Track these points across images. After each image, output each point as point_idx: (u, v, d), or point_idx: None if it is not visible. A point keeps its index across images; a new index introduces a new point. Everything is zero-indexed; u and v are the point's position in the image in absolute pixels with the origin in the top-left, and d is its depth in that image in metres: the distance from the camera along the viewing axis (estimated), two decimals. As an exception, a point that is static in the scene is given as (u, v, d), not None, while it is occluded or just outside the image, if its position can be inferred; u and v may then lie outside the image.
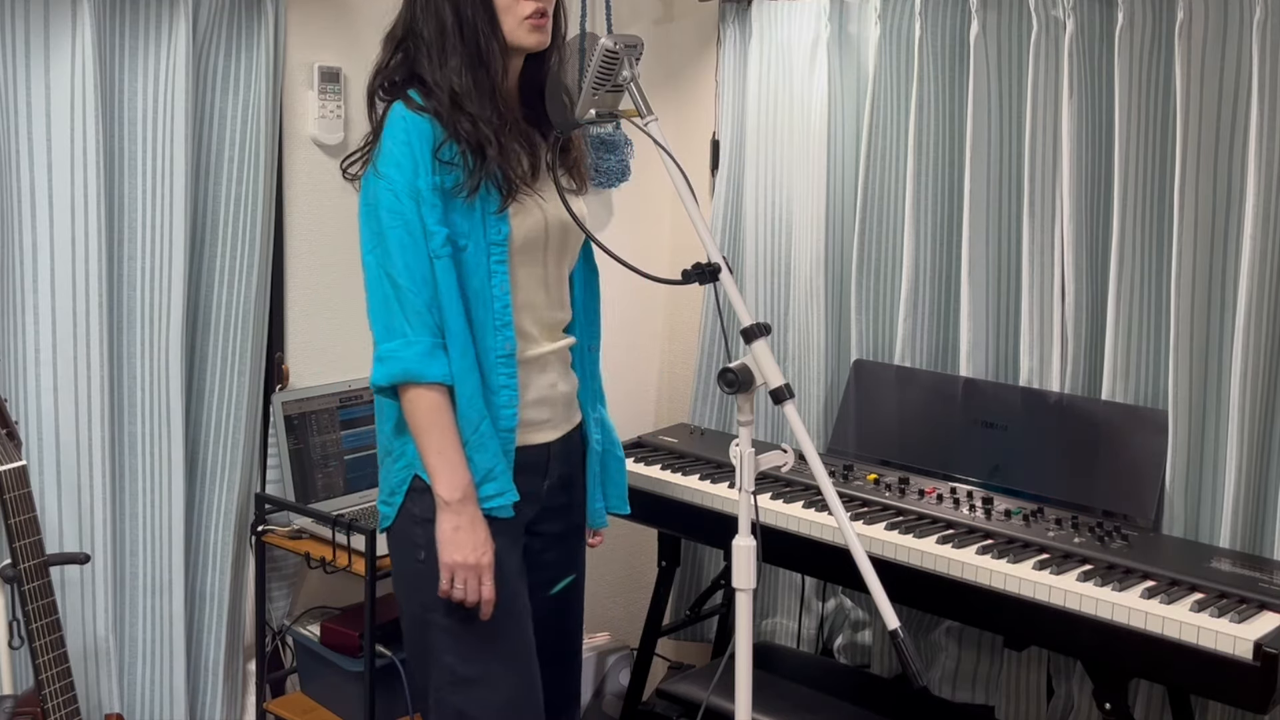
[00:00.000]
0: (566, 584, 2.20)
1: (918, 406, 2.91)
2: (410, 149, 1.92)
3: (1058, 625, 2.22)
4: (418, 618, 2.03)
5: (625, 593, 3.62)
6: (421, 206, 1.91)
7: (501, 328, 1.97)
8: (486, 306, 1.96)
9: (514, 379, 1.99)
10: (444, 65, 1.95)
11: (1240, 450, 2.46)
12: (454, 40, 1.95)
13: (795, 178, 3.17)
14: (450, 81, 1.94)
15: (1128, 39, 2.55)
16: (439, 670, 2.00)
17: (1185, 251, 2.51)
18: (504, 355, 1.98)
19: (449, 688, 2.00)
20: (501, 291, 1.97)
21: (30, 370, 2.43)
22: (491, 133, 1.94)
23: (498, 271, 1.96)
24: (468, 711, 1.99)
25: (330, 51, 2.84)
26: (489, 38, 1.96)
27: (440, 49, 1.95)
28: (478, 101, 1.94)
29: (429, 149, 1.92)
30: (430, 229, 1.91)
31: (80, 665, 2.48)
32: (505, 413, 1.98)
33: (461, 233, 1.95)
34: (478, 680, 1.98)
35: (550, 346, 2.09)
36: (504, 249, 1.97)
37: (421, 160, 1.92)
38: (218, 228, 2.65)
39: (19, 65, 2.35)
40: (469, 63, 1.95)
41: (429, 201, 1.91)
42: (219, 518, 2.71)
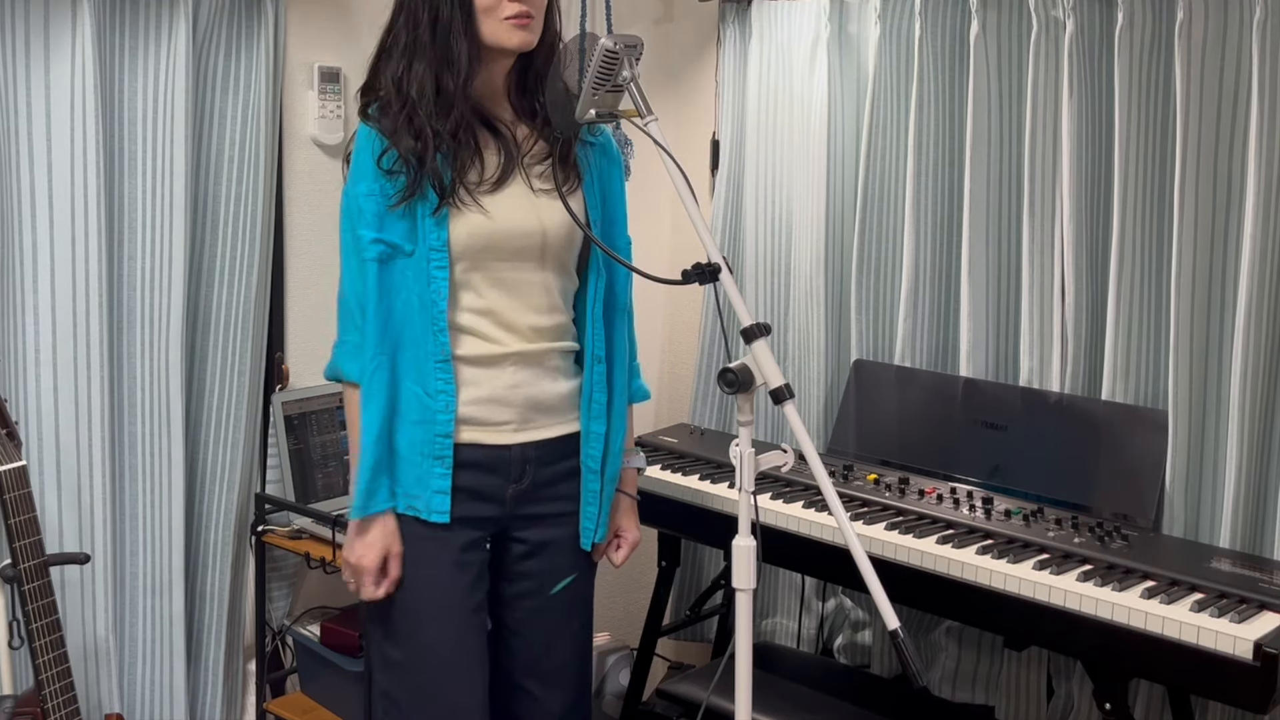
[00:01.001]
0: (567, 584, 2.18)
1: (918, 406, 2.91)
2: (358, 159, 2.02)
3: (1058, 625, 2.22)
4: (365, 609, 2.12)
5: (625, 593, 3.62)
6: (361, 215, 1.99)
7: (437, 333, 1.98)
8: (426, 311, 1.98)
9: (450, 384, 2.00)
10: (409, 68, 1.96)
11: (1240, 450, 2.46)
12: (425, 41, 1.95)
13: (795, 178, 3.16)
14: (410, 87, 1.95)
15: (1128, 39, 2.55)
16: (374, 651, 2.11)
17: (1185, 251, 2.51)
18: (440, 360, 1.99)
19: (380, 669, 2.09)
20: (439, 297, 1.97)
21: (30, 370, 2.43)
22: (434, 142, 1.94)
23: (436, 277, 1.97)
24: (390, 691, 2.06)
25: (330, 51, 2.84)
26: (460, 38, 1.94)
27: (412, 51, 1.96)
28: (433, 108, 1.95)
29: (369, 158, 1.98)
30: (359, 233, 1.99)
31: (80, 665, 2.48)
32: (440, 417, 2.00)
33: (406, 237, 1.98)
34: (400, 664, 2.05)
35: (517, 347, 2.05)
36: (443, 254, 1.97)
37: (364, 169, 1.99)
38: (218, 228, 2.65)
39: (19, 65, 2.35)
40: (433, 65, 1.95)
41: (363, 209, 1.99)
42: (219, 518, 2.71)
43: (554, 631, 2.16)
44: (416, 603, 2.03)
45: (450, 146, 1.96)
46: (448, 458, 2.01)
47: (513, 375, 2.05)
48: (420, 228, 1.97)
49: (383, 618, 2.06)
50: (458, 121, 1.97)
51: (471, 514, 2.04)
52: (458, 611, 2.05)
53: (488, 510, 2.06)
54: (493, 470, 2.06)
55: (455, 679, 2.05)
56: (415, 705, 2.04)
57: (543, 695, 2.16)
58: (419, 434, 2.00)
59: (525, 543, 2.12)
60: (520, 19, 1.96)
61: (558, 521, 2.14)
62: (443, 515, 2.01)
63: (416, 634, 2.04)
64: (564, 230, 2.05)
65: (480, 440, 2.04)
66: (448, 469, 2.01)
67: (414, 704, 2.04)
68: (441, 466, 2.01)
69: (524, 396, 2.06)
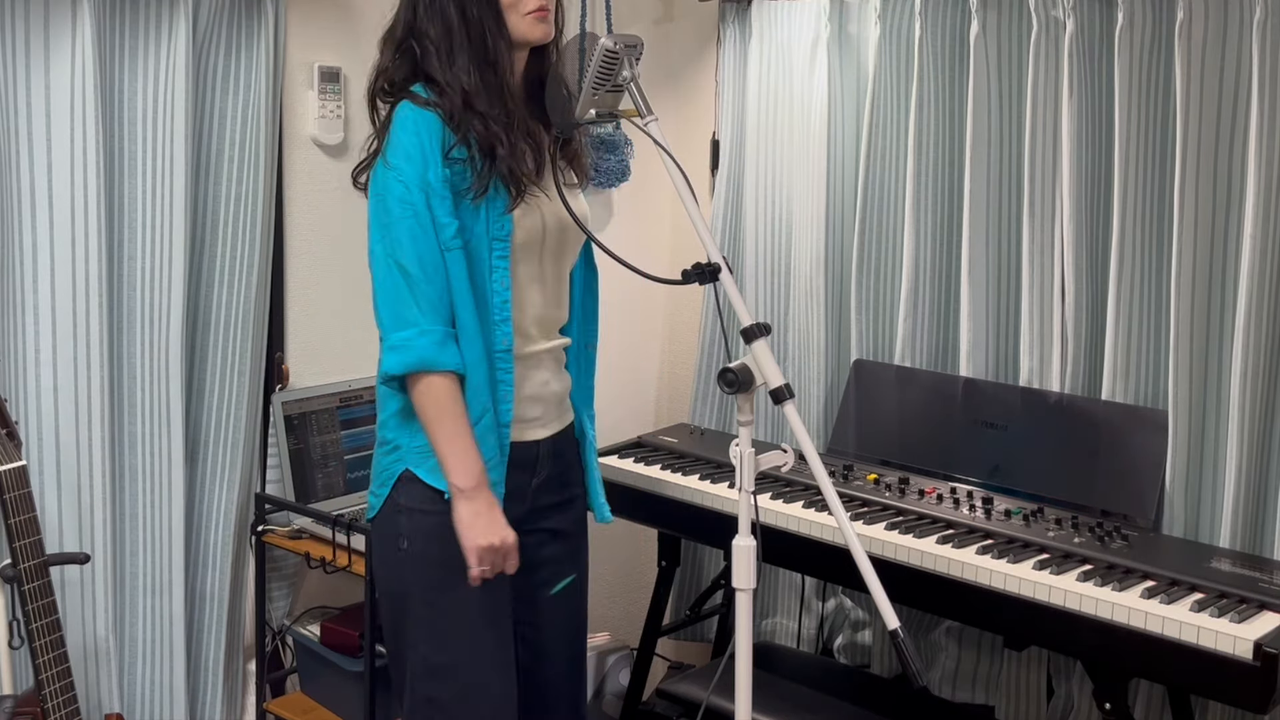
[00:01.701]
0: (567, 584, 2.20)
1: (918, 406, 2.91)
2: (419, 141, 1.92)
3: (1058, 625, 2.22)
4: (396, 607, 2.06)
5: (625, 593, 3.62)
6: (431, 198, 1.91)
7: (500, 323, 1.98)
8: (487, 301, 1.97)
9: (510, 374, 2.00)
10: (452, 64, 1.95)
11: (1240, 450, 2.46)
12: (460, 38, 1.95)
13: (795, 178, 3.16)
14: (460, 80, 1.94)
15: (1128, 39, 2.55)
16: (414, 658, 2.04)
17: (1185, 251, 2.51)
18: (502, 350, 1.99)
19: (422, 676, 2.03)
20: (502, 287, 1.97)
21: (30, 370, 2.43)
22: (502, 131, 1.94)
23: (499, 267, 1.97)
24: (437, 698, 2.02)
25: (330, 51, 2.84)
26: (495, 35, 1.96)
27: (448, 48, 1.95)
28: (487, 100, 1.94)
29: (438, 144, 1.93)
30: (442, 221, 1.92)
31: (80, 665, 2.48)
32: (503, 407, 1.99)
33: (465, 227, 1.95)
34: (448, 668, 2.01)
35: (545, 345, 2.09)
36: (506, 245, 1.97)
37: (431, 154, 1.92)
38: (218, 228, 2.65)
39: (19, 65, 2.35)
40: (476, 61, 1.95)
41: (439, 194, 1.92)
42: (219, 518, 2.71)
43: (562, 624, 2.19)
44: (466, 607, 2.00)
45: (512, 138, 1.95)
46: (506, 447, 2.01)
47: (544, 373, 2.10)
48: (487, 218, 1.95)
49: (423, 622, 2.01)
50: (509, 111, 1.97)
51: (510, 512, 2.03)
52: (503, 614, 2.05)
53: (515, 509, 2.06)
54: (523, 467, 2.07)
55: (500, 681, 2.04)
56: (464, 706, 2.01)
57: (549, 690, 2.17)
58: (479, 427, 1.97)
59: (541, 532, 2.14)
60: (540, 12, 1.99)
61: (564, 508, 2.18)
62: None
63: (465, 638, 2.01)
64: (571, 224, 2.08)
65: (519, 438, 2.05)
66: (504, 460, 2.01)
67: (462, 705, 2.01)
68: (500, 456, 2.00)
69: (552, 393, 2.11)
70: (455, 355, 1.92)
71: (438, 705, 2.02)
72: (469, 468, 1.92)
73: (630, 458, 2.95)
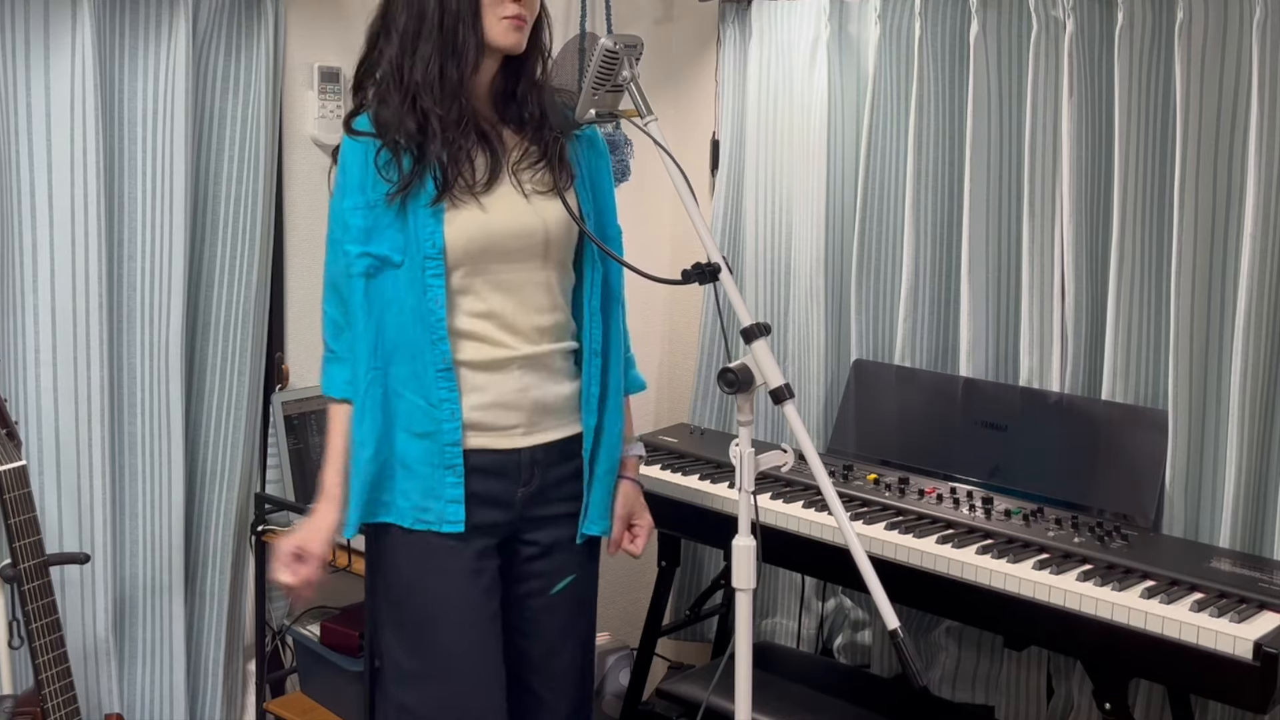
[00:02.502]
0: (567, 584, 2.17)
1: (918, 406, 2.91)
2: (343, 175, 2.02)
3: (1058, 625, 2.22)
4: (371, 612, 2.12)
5: (625, 593, 3.62)
6: (345, 231, 2.00)
7: (437, 341, 1.96)
8: (424, 320, 1.96)
9: (454, 392, 1.98)
10: (413, 52, 1.94)
11: (1240, 450, 2.46)
12: (431, 27, 1.93)
13: (795, 177, 3.17)
14: (415, 70, 1.93)
15: (1128, 39, 2.55)
16: (388, 663, 2.06)
17: (1185, 251, 2.51)
18: (442, 369, 1.97)
19: (393, 681, 2.04)
20: (437, 305, 1.96)
21: (30, 370, 2.43)
22: (440, 127, 1.93)
23: (433, 285, 1.95)
24: (407, 704, 2.02)
25: (330, 51, 2.84)
26: (469, 29, 1.94)
27: (414, 35, 1.94)
28: (438, 95, 1.93)
29: (356, 170, 1.99)
30: (346, 249, 2.00)
31: (80, 665, 2.48)
32: (446, 426, 1.98)
33: (397, 248, 1.96)
34: (418, 675, 2.01)
35: (523, 350, 2.04)
36: (438, 262, 1.95)
37: (352, 183, 1.99)
38: (218, 228, 2.65)
39: (19, 65, 2.36)
40: (440, 52, 1.93)
41: (349, 224, 1.99)
42: (219, 518, 2.71)
43: (562, 632, 2.16)
44: (433, 612, 2.01)
45: (452, 136, 1.94)
46: (458, 466, 1.99)
47: (519, 379, 2.04)
48: (415, 235, 1.95)
49: (397, 628, 2.03)
50: (461, 111, 1.96)
51: (483, 520, 2.03)
52: (474, 619, 2.03)
53: (498, 515, 2.05)
54: (502, 475, 2.05)
55: (474, 687, 2.03)
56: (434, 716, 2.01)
57: (548, 696, 2.15)
58: (426, 446, 1.98)
59: (534, 544, 2.11)
60: (517, 20, 1.96)
61: (565, 522, 2.14)
62: (457, 525, 1.99)
63: (434, 644, 2.01)
64: (564, 227, 2.05)
65: (489, 445, 2.03)
66: (459, 477, 2.00)
67: (433, 715, 2.01)
68: (453, 475, 1.99)
69: (531, 400, 2.05)
70: (332, 379, 2.07)
71: (410, 712, 2.02)
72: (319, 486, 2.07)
73: (630, 458, 2.95)
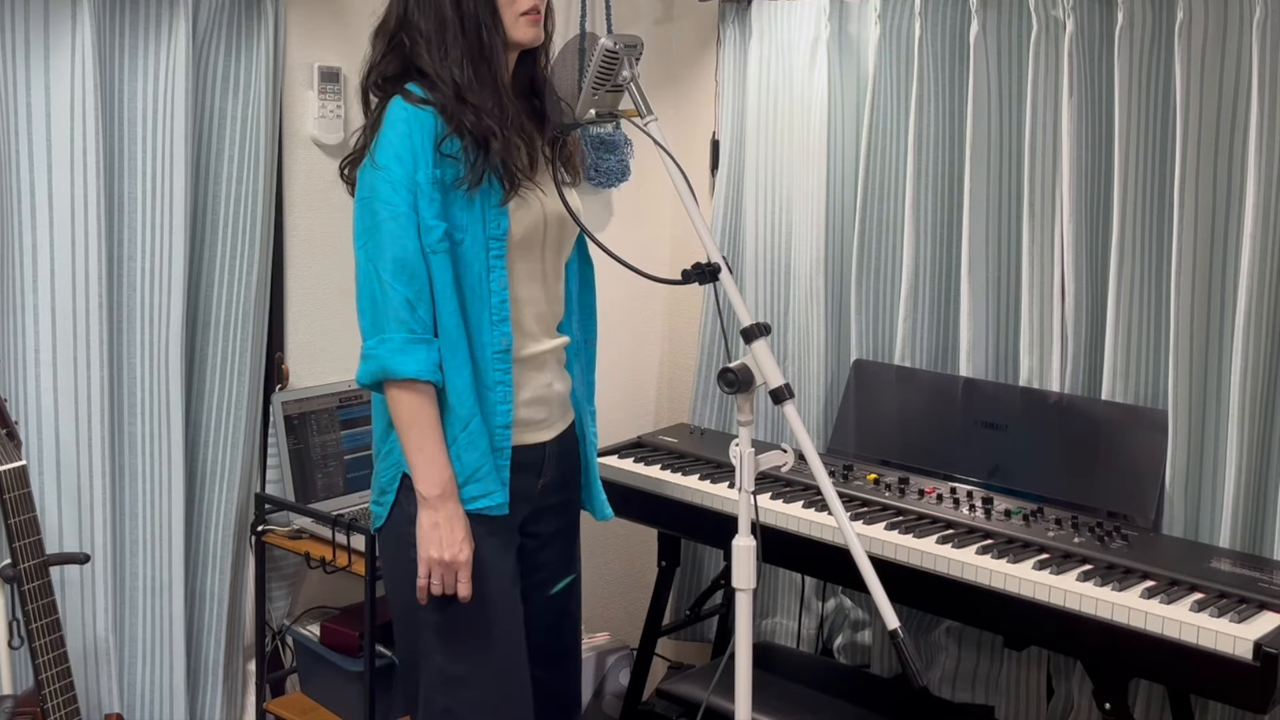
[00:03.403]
0: (566, 584, 2.20)
1: (918, 406, 2.91)
2: (410, 141, 1.90)
3: (1058, 625, 2.22)
4: (409, 617, 2.03)
5: (625, 593, 3.62)
6: (419, 200, 1.90)
7: (498, 323, 1.96)
8: (483, 302, 1.95)
9: (509, 375, 1.98)
10: (445, 57, 1.94)
11: (1240, 450, 2.46)
12: (454, 32, 1.94)
13: (795, 178, 3.16)
14: (452, 73, 1.93)
15: (1128, 39, 2.55)
16: (428, 669, 2.01)
17: (1185, 251, 2.51)
18: (500, 351, 1.97)
19: (438, 687, 2.00)
20: (500, 286, 1.96)
21: (30, 370, 2.43)
22: (495, 125, 1.93)
23: (496, 266, 1.95)
24: (455, 710, 2.00)
25: (330, 51, 2.84)
26: (491, 30, 1.95)
27: (440, 41, 1.94)
28: (480, 94, 1.93)
29: (430, 142, 1.91)
30: (428, 223, 1.90)
31: (80, 665, 2.48)
32: (500, 409, 1.98)
33: (460, 226, 1.94)
34: (465, 679, 1.99)
35: (548, 344, 2.08)
36: (502, 244, 1.96)
37: (422, 153, 1.90)
38: (218, 228, 2.65)
39: (19, 65, 2.35)
40: (470, 55, 1.94)
41: (427, 195, 1.90)
42: (219, 518, 2.71)
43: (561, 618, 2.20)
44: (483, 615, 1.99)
45: (503, 130, 1.94)
46: (506, 449, 1.99)
47: (548, 374, 2.09)
48: (483, 216, 1.94)
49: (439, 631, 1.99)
50: (503, 105, 1.96)
51: (513, 518, 2.03)
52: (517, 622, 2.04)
53: (522, 510, 2.06)
54: (530, 469, 2.06)
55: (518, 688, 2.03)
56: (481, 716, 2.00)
57: (547, 678, 2.17)
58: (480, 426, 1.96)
59: (539, 536, 2.13)
60: (533, 14, 1.98)
61: (562, 510, 2.18)
62: (504, 509, 1.99)
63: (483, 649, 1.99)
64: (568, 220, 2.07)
65: (522, 441, 2.04)
66: (506, 461, 2.00)
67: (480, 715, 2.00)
68: (502, 459, 1.99)
69: (555, 394, 2.10)
70: (419, 361, 1.89)
71: (455, 716, 2.00)
72: (433, 477, 1.91)
73: (630, 458, 2.95)
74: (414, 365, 1.89)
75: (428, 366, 1.90)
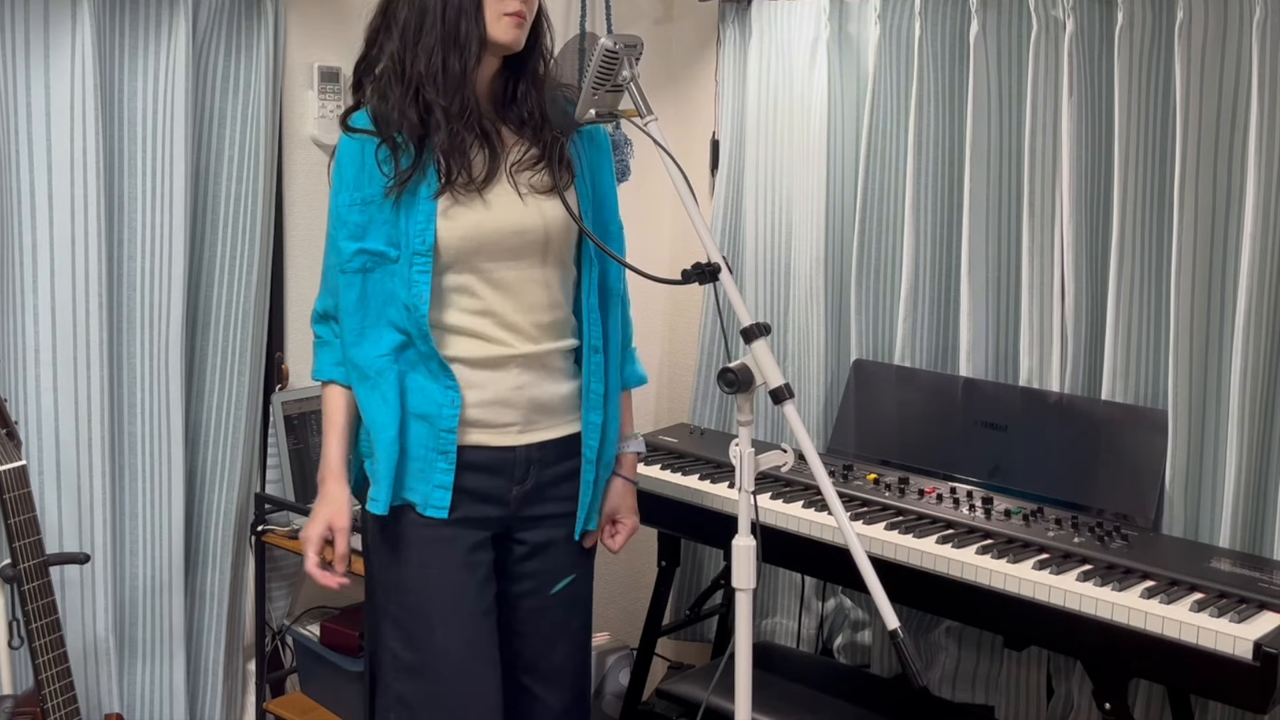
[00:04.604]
0: (567, 584, 2.18)
1: (918, 406, 2.91)
2: (340, 171, 2.03)
3: (1058, 625, 2.22)
4: (369, 604, 2.12)
5: (625, 593, 3.62)
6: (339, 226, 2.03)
7: (424, 337, 1.98)
8: (411, 314, 1.98)
9: (454, 381, 2.00)
10: (417, 43, 1.94)
11: (1240, 450, 2.46)
12: (433, 19, 1.93)
13: (795, 178, 3.16)
14: (418, 62, 1.93)
15: (1128, 39, 2.55)
16: (384, 655, 2.07)
17: (1185, 251, 2.51)
18: (435, 361, 1.99)
19: (393, 673, 2.06)
20: (420, 301, 1.97)
21: (30, 370, 2.43)
22: (444, 119, 1.93)
23: (418, 281, 1.97)
24: (405, 697, 2.04)
25: (330, 51, 2.84)
26: (471, 22, 1.94)
27: (416, 29, 1.94)
28: (441, 87, 1.93)
29: (352, 167, 2.01)
30: (339, 245, 2.02)
31: (80, 665, 2.48)
32: (446, 412, 2.00)
33: (392, 243, 1.98)
34: (417, 668, 2.03)
35: (522, 349, 2.04)
36: (427, 259, 1.96)
37: (348, 180, 2.02)
38: (218, 228, 2.65)
39: (19, 65, 2.36)
40: (442, 44, 1.93)
41: (345, 220, 2.01)
42: (219, 517, 2.71)
43: (554, 630, 2.16)
44: (428, 605, 2.02)
45: (455, 128, 1.94)
46: (451, 453, 2.01)
47: (517, 377, 2.05)
48: (406, 231, 1.96)
49: (394, 621, 2.04)
50: (464, 104, 1.95)
51: (475, 515, 2.03)
52: (469, 613, 2.04)
53: (491, 511, 2.06)
54: (497, 472, 2.05)
55: (470, 682, 2.03)
56: (431, 709, 2.02)
57: (543, 694, 2.15)
58: (424, 429, 2.00)
59: (526, 544, 2.12)
60: (517, 16, 1.96)
61: (559, 522, 2.14)
62: (441, 511, 2.00)
63: (430, 637, 2.02)
64: (564, 226, 2.05)
65: (485, 442, 2.03)
66: (451, 464, 2.01)
67: (429, 708, 2.02)
68: (445, 462, 2.00)
69: (528, 398, 2.06)
70: (318, 364, 2.11)
71: (406, 704, 2.03)
72: (323, 465, 2.07)
73: (630, 458, 2.94)
74: (317, 367, 2.12)
75: (323, 368, 2.10)
